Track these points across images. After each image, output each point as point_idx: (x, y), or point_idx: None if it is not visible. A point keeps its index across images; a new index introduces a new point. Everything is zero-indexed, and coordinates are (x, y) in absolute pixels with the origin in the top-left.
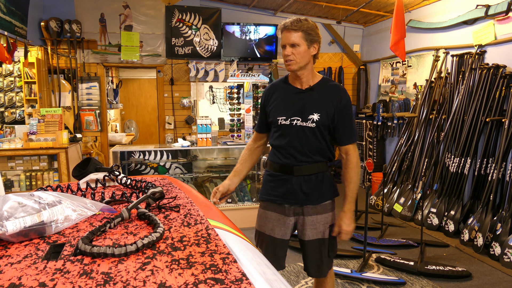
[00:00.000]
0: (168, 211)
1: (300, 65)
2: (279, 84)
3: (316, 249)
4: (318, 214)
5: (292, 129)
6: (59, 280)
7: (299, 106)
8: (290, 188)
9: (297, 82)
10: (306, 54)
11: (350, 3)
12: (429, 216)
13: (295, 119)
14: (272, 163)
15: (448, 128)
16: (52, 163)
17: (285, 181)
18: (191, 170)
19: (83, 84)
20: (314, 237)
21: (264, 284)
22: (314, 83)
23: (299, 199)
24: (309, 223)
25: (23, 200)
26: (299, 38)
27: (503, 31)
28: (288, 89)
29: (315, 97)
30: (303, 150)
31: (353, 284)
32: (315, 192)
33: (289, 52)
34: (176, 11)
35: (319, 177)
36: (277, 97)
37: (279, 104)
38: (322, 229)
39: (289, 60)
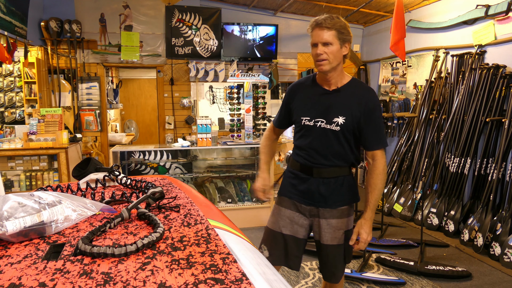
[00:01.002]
0: (168, 211)
1: (333, 65)
2: (306, 82)
3: (332, 254)
4: (334, 218)
5: (315, 131)
6: (59, 280)
7: (324, 108)
8: (308, 188)
9: (325, 83)
10: (339, 54)
11: (350, 3)
12: (429, 216)
13: (319, 120)
14: (293, 161)
15: (448, 128)
16: (52, 163)
17: (304, 180)
18: (191, 170)
19: (83, 84)
20: (330, 242)
21: (264, 284)
22: (343, 84)
23: (315, 200)
24: (324, 226)
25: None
26: (333, 37)
27: (503, 31)
28: (315, 89)
29: (342, 100)
30: (325, 153)
31: (353, 284)
32: (333, 196)
33: (322, 51)
34: (176, 11)
35: (339, 181)
36: (303, 96)
37: (304, 104)
38: (338, 235)
39: (322, 59)
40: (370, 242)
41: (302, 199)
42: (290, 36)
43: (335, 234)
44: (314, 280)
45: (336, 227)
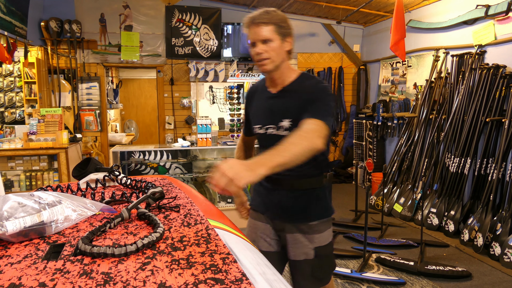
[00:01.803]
0: (168, 211)
1: (276, 63)
2: (259, 86)
3: (299, 270)
4: (302, 233)
5: (268, 139)
6: (59, 280)
7: (271, 113)
8: (272, 201)
9: (271, 84)
10: (281, 50)
11: (350, 3)
12: (429, 216)
13: (269, 127)
14: None
15: (448, 128)
16: (52, 163)
17: (270, 192)
18: (191, 170)
19: (83, 84)
20: (297, 257)
21: (264, 284)
22: (289, 82)
23: (280, 214)
24: (291, 241)
25: (23, 200)
26: (271, 32)
27: (503, 31)
28: (264, 93)
29: (287, 100)
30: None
31: (353, 284)
32: (297, 210)
33: (261, 49)
34: (176, 11)
35: (308, 194)
36: (255, 102)
37: (255, 111)
38: (306, 250)
39: (262, 59)
40: (370, 242)
41: (266, 211)
42: None
43: (303, 249)
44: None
45: (303, 243)
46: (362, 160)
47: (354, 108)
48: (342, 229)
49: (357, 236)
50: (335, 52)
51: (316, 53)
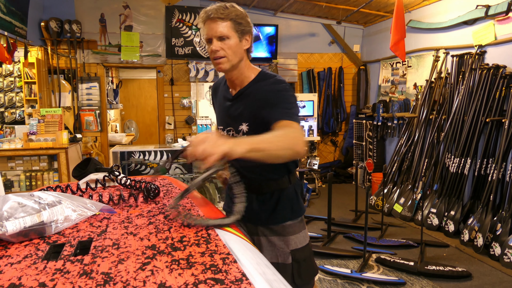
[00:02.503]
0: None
1: (233, 62)
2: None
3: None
4: (275, 236)
5: None
6: (59, 280)
7: (229, 116)
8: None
9: (230, 84)
10: (238, 48)
11: (350, 3)
12: (429, 216)
13: (230, 129)
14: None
15: (448, 128)
16: (52, 163)
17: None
18: (191, 170)
19: (83, 84)
20: (273, 260)
21: (264, 284)
22: (245, 84)
23: (252, 217)
24: (265, 244)
25: (23, 200)
26: (228, 29)
27: (503, 31)
28: (224, 93)
29: (243, 103)
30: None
31: (353, 284)
32: (271, 213)
33: (217, 47)
34: (176, 11)
35: (276, 196)
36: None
37: (217, 111)
38: (281, 253)
39: (218, 57)
40: (370, 242)
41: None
42: (290, 36)
43: (278, 252)
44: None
45: (278, 246)
46: (362, 160)
47: (354, 108)
48: (342, 229)
49: (357, 236)
50: (335, 52)
51: (316, 53)
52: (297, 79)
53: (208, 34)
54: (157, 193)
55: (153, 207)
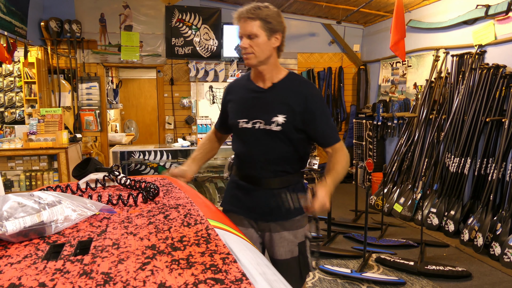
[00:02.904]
0: (168, 211)
1: (260, 59)
2: (241, 81)
3: (287, 269)
4: (286, 230)
5: (254, 134)
6: (59, 280)
7: (261, 107)
8: (254, 201)
9: (259, 79)
10: (266, 46)
11: (350, 3)
12: (429, 216)
13: (257, 121)
14: (237, 169)
15: (448, 128)
16: (52, 163)
17: (249, 192)
18: None
19: (83, 84)
20: (284, 256)
21: (264, 284)
22: (279, 79)
23: (264, 214)
24: (277, 240)
25: (23, 200)
26: (257, 28)
27: (503, 31)
28: (249, 87)
29: (279, 96)
30: (268, 158)
31: (353, 284)
32: (282, 208)
33: (246, 44)
34: (176, 11)
35: (290, 191)
36: (237, 96)
37: (239, 104)
38: (291, 247)
39: (247, 53)
40: (370, 242)
41: (249, 213)
42: (290, 36)
43: (289, 247)
44: (314, 280)
45: (289, 240)
46: (362, 160)
47: (354, 108)
48: (342, 229)
49: (357, 236)
50: (335, 52)
51: (316, 53)
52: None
53: (240, 32)
54: (156, 193)
55: (153, 207)
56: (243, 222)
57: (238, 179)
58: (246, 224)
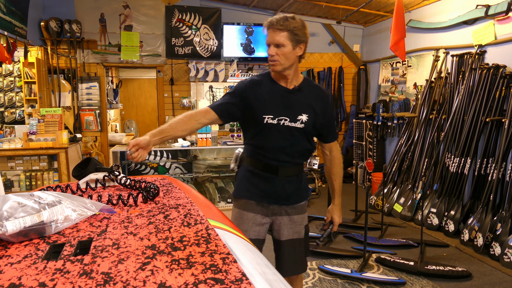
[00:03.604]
0: (168, 211)
1: (284, 66)
2: (262, 80)
3: (293, 248)
4: (295, 214)
5: (279, 129)
6: (59, 280)
7: (287, 106)
8: (272, 188)
9: (282, 81)
10: (291, 55)
11: (350, 3)
12: (429, 216)
13: (282, 118)
14: (253, 160)
15: (448, 128)
16: (52, 163)
17: (267, 180)
18: (191, 170)
19: (83, 84)
20: (291, 236)
21: (264, 284)
22: (299, 83)
23: (280, 199)
24: (286, 222)
25: (23, 200)
26: (284, 38)
27: (503, 31)
28: (275, 87)
29: (303, 97)
30: (290, 151)
31: (353, 284)
32: (296, 193)
33: (273, 52)
34: (176, 11)
35: (299, 178)
36: (263, 94)
37: (265, 102)
38: (299, 229)
39: (273, 60)
40: (370, 242)
41: (266, 199)
42: None
43: (296, 229)
44: (314, 280)
45: (297, 222)
46: (362, 160)
47: (354, 108)
48: (342, 229)
49: (357, 236)
50: (335, 52)
51: (316, 53)
52: None
53: (268, 40)
54: (156, 193)
55: (153, 207)
56: (254, 208)
57: (253, 169)
58: (256, 210)
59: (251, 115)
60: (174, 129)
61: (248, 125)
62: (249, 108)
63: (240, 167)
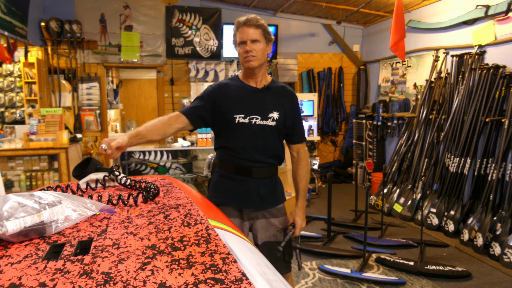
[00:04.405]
0: (168, 211)
1: (261, 62)
2: (231, 82)
3: (269, 251)
4: (273, 217)
5: (251, 128)
6: (59, 280)
7: (258, 104)
8: (247, 191)
9: (251, 80)
10: (265, 52)
11: (350, 3)
12: (429, 216)
13: (254, 117)
14: (225, 163)
15: (448, 128)
16: (52, 163)
17: (241, 182)
18: (191, 170)
19: (83, 84)
20: (267, 239)
21: (264, 284)
22: (268, 82)
23: (255, 202)
24: (264, 226)
25: (23, 200)
26: (260, 35)
27: (503, 31)
28: (243, 87)
29: (273, 96)
30: (263, 150)
31: (353, 284)
32: (270, 196)
33: (251, 47)
34: (176, 12)
35: (273, 180)
36: (232, 94)
37: (235, 102)
38: (275, 232)
39: (251, 56)
40: (370, 242)
41: (241, 203)
42: (290, 36)
43: (273, 232)
44: (314, 280)
45: (275, 226)
46: (362, 160)
47: (354, 108)
48: (342, 229)
49: (357, 236)
50: (335, 52)
51: (316, 53)
52: (297, 79)
53: (243, 37)
54: (157, 193)
55: (153, 207)
56: (231, 213)
57: (226, 173)
58: (233, 215)
59: (222, 116)
60: (150, 133)
61: (220, 128)
62: (219, 110)
63: (213, 173)
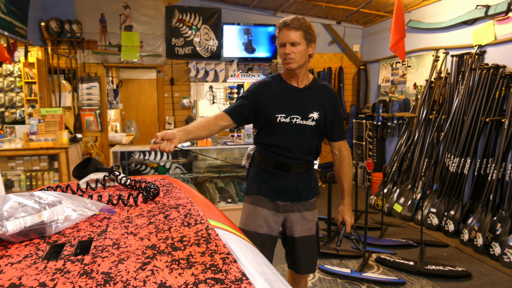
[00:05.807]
0: (168, 211)
1: (299, 64)
2: (273, 81)
3: (307, 245)
4: (307, 211)
5: (291, 127)
6: (59, 280)
7: (298, 104)
8: (284, 185)
9: (293, 80)
10: (305, 53)
11: (350, 3)
12: (429, 216)
13: (294, 117)
14: (265, 158)
15: (448, 128)
16: (52, 163)
17: (279, 177)
18: (191, 170)
19: (83, 84)
20: (304, 233)
21: (264, 284)
22: (309, 82)
23: (292, 196)
24: (299, 219)
25: (23, 200)
26: (300, 37)
27: (503, 31)
28: (285, 86)
29: (314, 96)
30: (301, 148)
31: (353, 284)
32: (307, 190)
33: (290, 50)
34: (176, 11)
35: (309, 175)
36: (274, 94)
37: (277, 101)
38: (311, 226)
39: (290, 58)
40: (370, 242)
41: (278, 196)
42: None
43: (309, 225)
44: (314, 280)
45: (309, 219)
46: (362, 160)
47: (354, 108)
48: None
49: (357, 236)
50: (335, 52)
51: (316, 53)
52: None
53: (283, 40)
54: (157, 193)
55: (153, 207)
56: (268, 205)
57: (265, 166)
58: (269, 207)
59: (264, 115)
60: (197, 129)
61: (261, 126)
62: (262, 109)
63: (251, 164)
